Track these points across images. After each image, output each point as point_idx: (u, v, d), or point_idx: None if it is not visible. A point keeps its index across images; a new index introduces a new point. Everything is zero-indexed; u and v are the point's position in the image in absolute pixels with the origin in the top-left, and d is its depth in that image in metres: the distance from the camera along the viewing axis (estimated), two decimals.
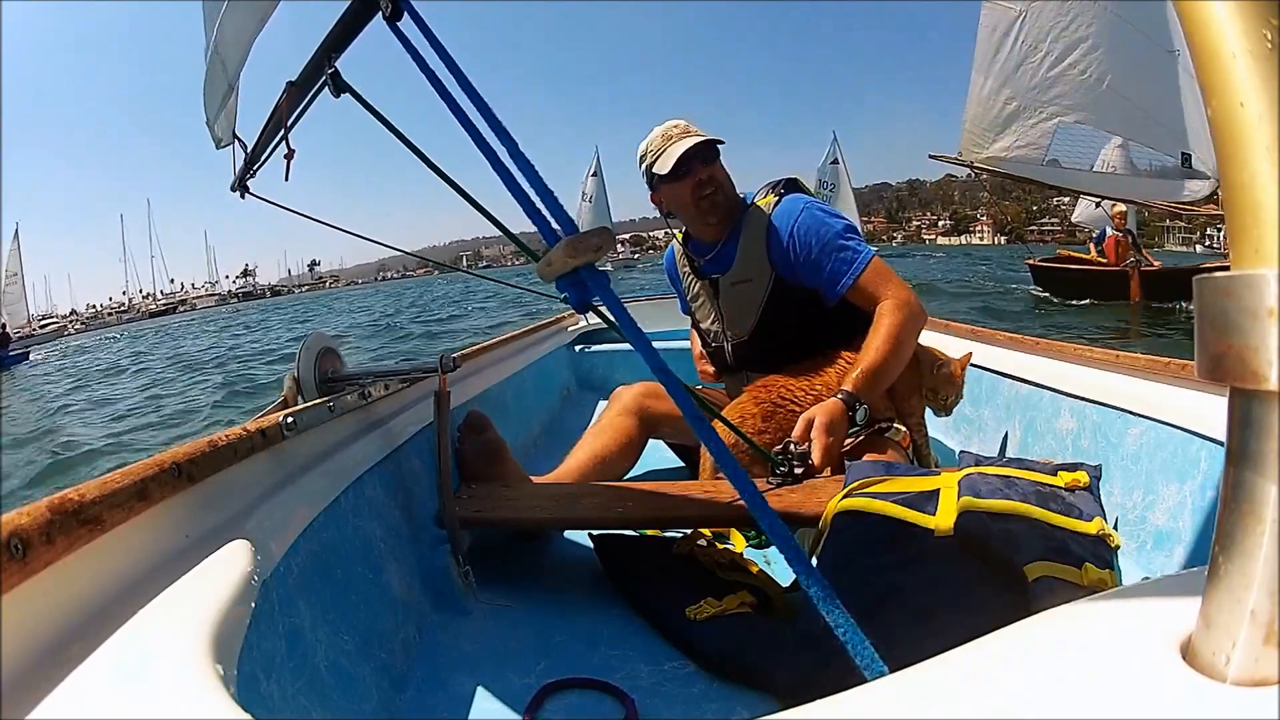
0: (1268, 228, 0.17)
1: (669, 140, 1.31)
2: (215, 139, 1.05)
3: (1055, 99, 6.54)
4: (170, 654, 0.40)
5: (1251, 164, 0.17)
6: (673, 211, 1.39)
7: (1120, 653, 0.21)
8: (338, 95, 0.74)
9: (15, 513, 0.41)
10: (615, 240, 0.47)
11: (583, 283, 0.42)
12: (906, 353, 1.22)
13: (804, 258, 1.27)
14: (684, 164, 1.28)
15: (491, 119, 0.50)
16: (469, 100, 0.51)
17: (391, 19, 0.56)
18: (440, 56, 0.53)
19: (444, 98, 0.52)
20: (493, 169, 0.48)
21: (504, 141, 0.49)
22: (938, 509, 0.82)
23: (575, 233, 0.42)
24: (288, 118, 0.83)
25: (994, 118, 6.88)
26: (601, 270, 0.43)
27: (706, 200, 1.31)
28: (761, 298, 1.33)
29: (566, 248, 0.41)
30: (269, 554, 0.60)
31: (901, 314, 1.20)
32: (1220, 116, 0.18)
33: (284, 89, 0.82)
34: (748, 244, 1.34)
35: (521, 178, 0.47)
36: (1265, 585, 0.18)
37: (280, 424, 0.77)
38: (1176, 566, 0.86)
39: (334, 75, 0.72)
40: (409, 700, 0.74)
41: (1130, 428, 1.02)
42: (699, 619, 0.83)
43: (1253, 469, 0.18)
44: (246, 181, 1.02)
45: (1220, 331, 0.18)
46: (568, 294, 0.43)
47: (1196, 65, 0.18)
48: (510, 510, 1.03)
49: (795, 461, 1.06)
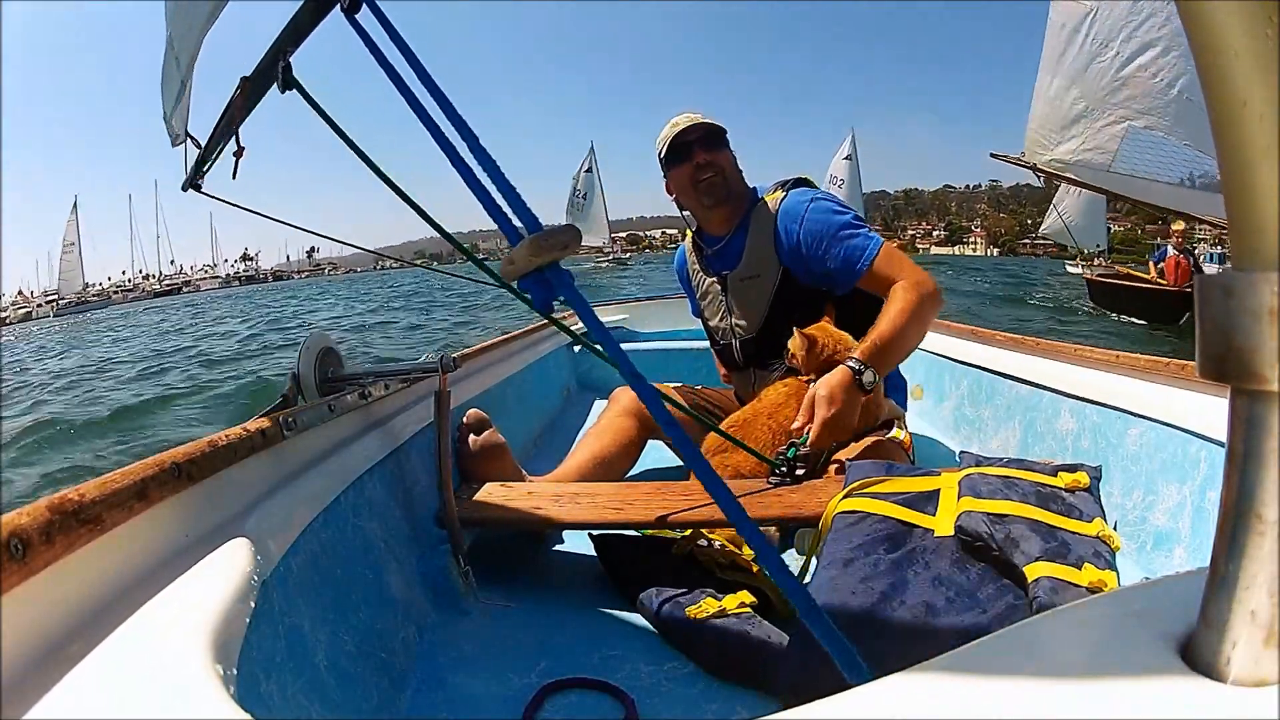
0: (1269, 228, 0.17)
1: (675, 128, 1.36)
2: (171, 135, 1.03)
3: (1125, 102, 5.98)
4: (170, 654, 0.40)
5: (1253, 164, 0.17)
6: (680, 199, 1.43)
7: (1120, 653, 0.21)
8: (284, 91, 0.72)
9: (15, 513, 0.41)
10: (582, 237, 0.44)
11: (547, 282, 0.40)
12: (921, 328, 1.19)
13: (815, 248, 1.28)
14: (684, 148, 1.33)
15: (452, 113, 0.48)
16: (430, 95, 0.49)
17: (349, 11, 0.55)
18: (399, 49, 0.52)
19: (402, 92, 0.51)
20: (452, 165, 0.46)
21: (465, 136, 0.47)
22: (938, 509, 0.82)
23: (540, 230, 0.41)
24: (240, 113, 0.82)
25: (1061, 118, 6.36)
26: (567, 269, 0.41)
27: (704, 183, 1.35)
28: (769, 293, 1.34)
29: (530, 246, 0.39)
30: (269, 554, 0.60)
31: (917, 291, 1.18)
32: (1221, 116, 0.18)
33: (238, 84, 0.80)
34: (756, 239, 1.35)
35: (483, 174, 0.45)
36: (1265, 586, 0.18)
37: (280, 424, 0.77)
38: (1176, 567, 0.86)
39: (285, 70, 0.70)
40: (409, 700, 0.74)
41: (1130, 428, 1.02)
42: (699, 619, 0.83)
43: (1253, 469, 0.18)
44: (199, 180, 1.00)
45: (1221, 332, 0.18)
46: (530, 294, 0.41)
47: (1198, 64, 0.18)
48: (510, 510, 1.02)
49: (798, 463, 1.06)
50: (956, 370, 1.72)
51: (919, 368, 1.91)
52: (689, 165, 1.34)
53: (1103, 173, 6.24)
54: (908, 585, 0.72)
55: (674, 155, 1.36)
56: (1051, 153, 6.50)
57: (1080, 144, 6.32)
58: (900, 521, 0.81)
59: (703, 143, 1.34)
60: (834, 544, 0.80)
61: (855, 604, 0.70)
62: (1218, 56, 0.18)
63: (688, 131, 1.34)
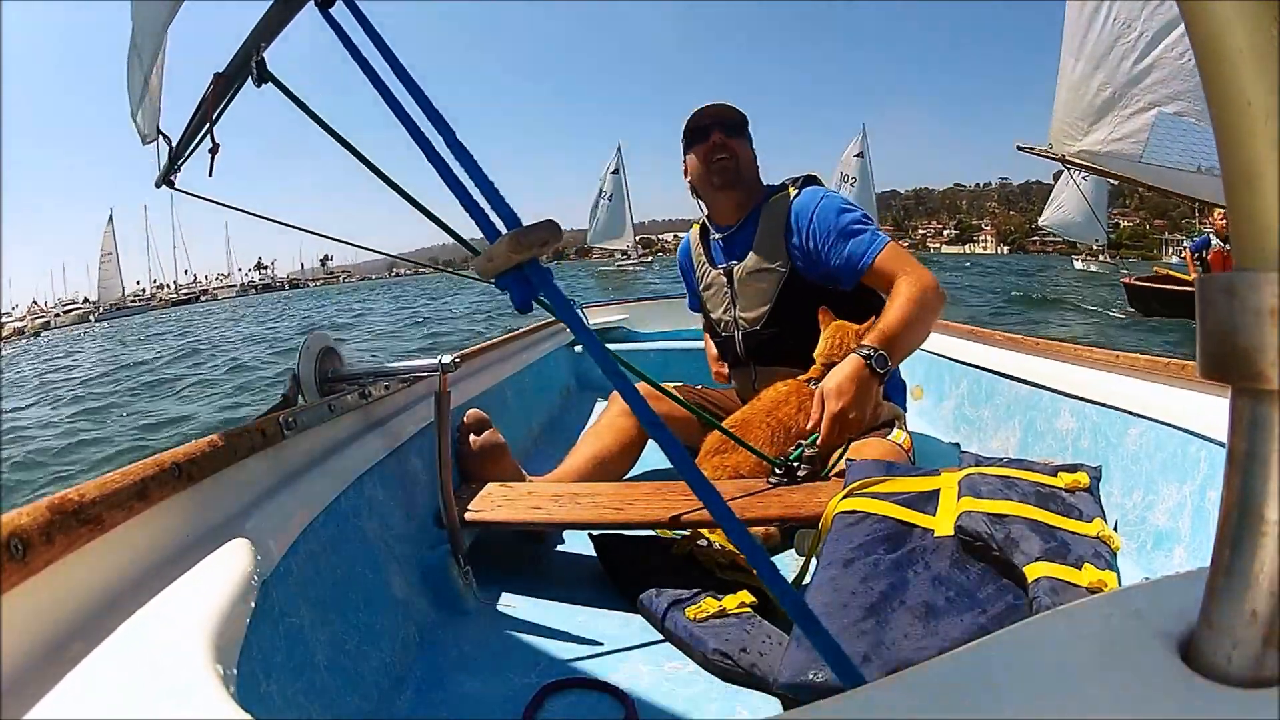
0: (1271, 228, 0.17)
1: (700, 111, 1.39)
2: (140, 134, 1.01)
3: (1153, 86, 5.41)
4: (170, 654, 0.40)
5: (1257, 163, 0.17)
6: (693, 181, 1.45)
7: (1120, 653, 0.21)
8: (260, 85, 0.71)
9: (15, 512, 0.41)
10: (562, 234, 0.43)
11: (527, 279, 0.39)
12: (925, 324, 1.20)
13: (822, 242, 1.29)
14: (702, 130, 1.37)
15: (428, 107, 0.47)
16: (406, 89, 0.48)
17: (324, 5, 0.54)
18: (374, 43, 0.51)
19: (376, 84, 0.50)
20: (428, 160, 0.45)
21: (440, 130, 0.46)
22: (938, 509, 0.82)
23: (519, 226, 0.39)
24: (213, 110, 0.81)
25: (1087, 106, 5.84)
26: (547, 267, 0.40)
27: (718, 164, 1.37)
28: (776, 287, 1.35)
29: (510, 242, 0.38)
30: (269, 554, 0.60)
31: (919, 287, 1.19)
32: (1224, 114, 0.18)
33: (211, 80, 0.80)
34: (766, 231, 1.37)
35: (460, 169, 0.43)
36: (1266, 586, 0.18)
37: (280, 424, 0.77)
38: (1176, 566, 0.86)
39: (259, 64, 0.70)
40: (409, 700, 0.74)
41: (1130, 428, 1.02)
42: (699, 619, 0.83)
43: (1254, 469, 0.18)
44: (172, 178, 0.99)
45: (1223, 332, 0.18)
46: (509, 291, 0.40)
47: (1200, 63, 0.18)
48: (510, 510, 1.03)
49: (800, 463, 1.06)
50: (956, 370, 1.72)
51: (919, 368, 1.91)
52: (705, 145, 1.37)
53: (1135, 164, 5.69)
54: (908, 585, 0.72)
55: (692, 136, 1.39)
56: (1080, 143, 5.99)
57: (1109, 133, 5.77)
58: (900, 521, 0.81)
59: (721, 126, 1.37)
60: (834, 544, 0.80)
61: (855, 604, 0.70)
62: (1221, 55, 0.18)
63: (706, 114, 1.37)
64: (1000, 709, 0.19)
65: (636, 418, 1.25)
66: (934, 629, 0.67)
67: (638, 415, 0.37)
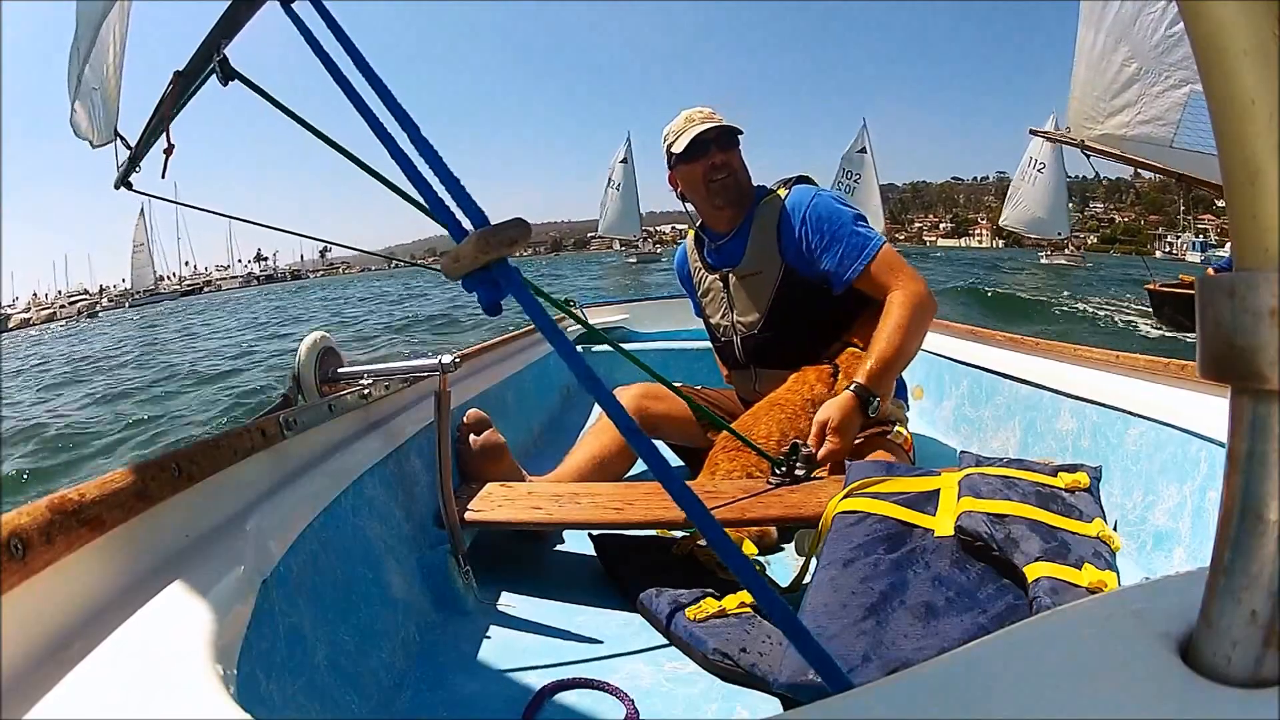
0: (1272, 228, 0.17)
1: (690, 123, 1.36)
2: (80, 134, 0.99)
3: (1184, 60, 4.62)
4: (170, 654, 0.40)
5: (1259, 163, 0.17)
6: (686, 194, 1.44)
7: (1120, 653, 0.21)
8: (225, 83, 0.71)
9: (15, 512, 0.41)
10: (531, 232, 0.41)
11: (494, 281, 0.38)
12: (917, 342, 1.23)
13: (816, 243, 1.29)
14: (701, 145, 1.34)
15: (392, 102, 0.46)
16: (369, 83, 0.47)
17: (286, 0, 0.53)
18: (336, 37, 0.50)
19: (339, 81, 0.49)
20: (391, 156, 0.44)
21: (405, 126, 0.44)
22: (938, 510, 0.82)
23: (486, 225, 0.38)
24: (170, 109, 0.80)
25: (1109, 82, 5.06)
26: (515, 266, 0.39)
27: (717, 184, 1.36)
28: (771, 289, 1.35)
29: (478, 241, 0.37)
30: (269, 554, 0.60)
31: (912, 304, 1.21)
32: (1226, 114, 0.18)
33: (170, 79, 0.79)
34: (758, 235, 1.36)
35: (424, 165, 0.42)
36: (1266, 586, 0.18)
37: (280, 423, 0.77)
38: (1176, 566, 0.86)
39: (222, 62, 0.69)
40: (408, 700, 0.74)
41: (1130, 428, 1.02)
42: (699, 619, 0.83)
43: (1254, 469, 0.18)
44: (129, 180, 0.97)
45: (1222, 332, 0.18)
46: (477, 293, 0.39)
47: (1200, 62, 0.18)
48: (510, 510, 1.03)
49: (799, 462, 1.06)
50: (956, 370, 1.72)
51: (919, 368, 1.91)
52: (704, 164, 1.35)
53: (1165, 149, 4.91)
54: (908, 585, 0.72)
55: (689, 151, 1.36)
56: (1101, 126, 5.25)
57: (1136, 114, 5.01)
58: (900, 521, 0.81)
59: (719, 142, 1.35)
60: (834, 544, 0.80)
61: (855, 604, 0.70)
62: (1223, 54, 0.18)
63: (707, 131, 1.34)
64: (1000, 709, 0.19)
65: (636, 419, 1.24)
66: (934, 629, 0.67)
67: (616, 424, 0.36)
